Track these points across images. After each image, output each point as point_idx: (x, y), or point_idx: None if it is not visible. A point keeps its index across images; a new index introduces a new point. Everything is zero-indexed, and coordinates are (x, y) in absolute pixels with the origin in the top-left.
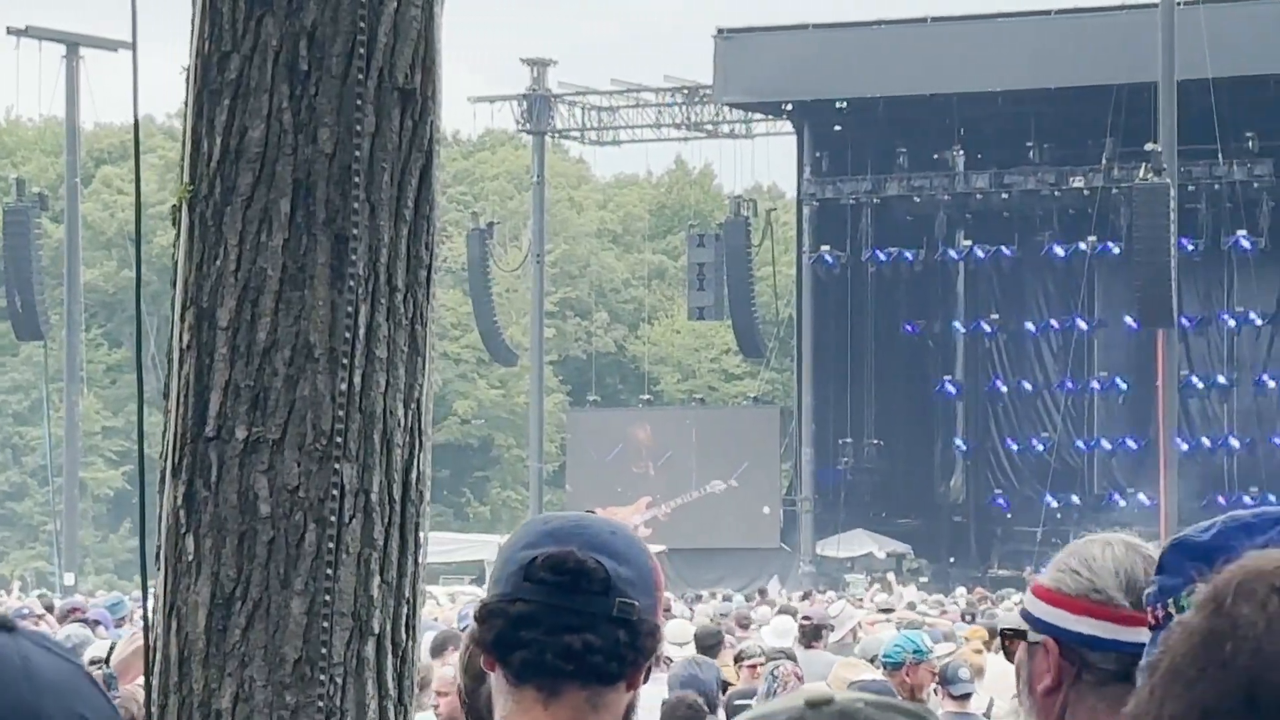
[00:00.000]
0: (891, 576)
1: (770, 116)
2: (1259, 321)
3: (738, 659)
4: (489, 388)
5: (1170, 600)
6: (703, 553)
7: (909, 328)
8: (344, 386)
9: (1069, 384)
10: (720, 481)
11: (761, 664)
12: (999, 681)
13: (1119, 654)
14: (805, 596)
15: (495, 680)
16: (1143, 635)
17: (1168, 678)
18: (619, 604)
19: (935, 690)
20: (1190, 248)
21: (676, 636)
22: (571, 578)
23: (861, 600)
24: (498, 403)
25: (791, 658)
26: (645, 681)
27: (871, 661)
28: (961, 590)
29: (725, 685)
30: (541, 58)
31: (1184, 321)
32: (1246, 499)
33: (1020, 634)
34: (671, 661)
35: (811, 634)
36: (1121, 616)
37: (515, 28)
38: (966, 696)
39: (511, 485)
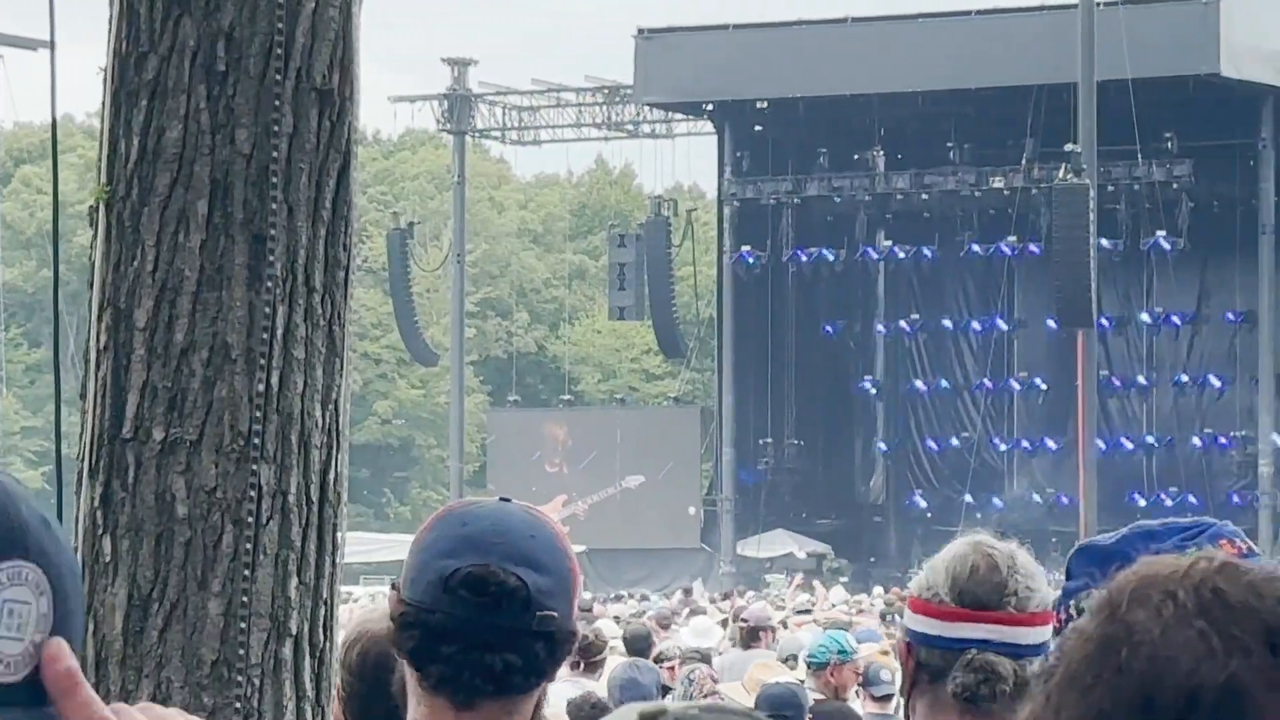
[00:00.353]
0: (811, 580)
1: (691, 116)
2: (1178, 322)
3: (656, 660)
4: (409, 388)
5: (1071, 603)
6: (624, 553)
7: (829, 327)
8: (261, 388)
9: (989, 384)
10: (638, 476)
11: (678, 665)
12: None
13: (942, 650)
14: (725, 597)
15: (408, 678)
16: (965, 631)
17: (1064, 684)
18: (539, 618)
19: (858, 691)
20: (1110, 248)
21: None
22: (493, 599)
23: (783, 601)
24: (418, 403)
25: (707, 659)
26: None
27: (786, 662)
28: (879, 590)
29: (666, 689)
30: (462, 57)
31: (1103, 322)
32: (1165, 499)
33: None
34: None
35: (750, 635)
36: (945, 613)
37: (436, 27)
38: (888, 698)
39: (432, 485)
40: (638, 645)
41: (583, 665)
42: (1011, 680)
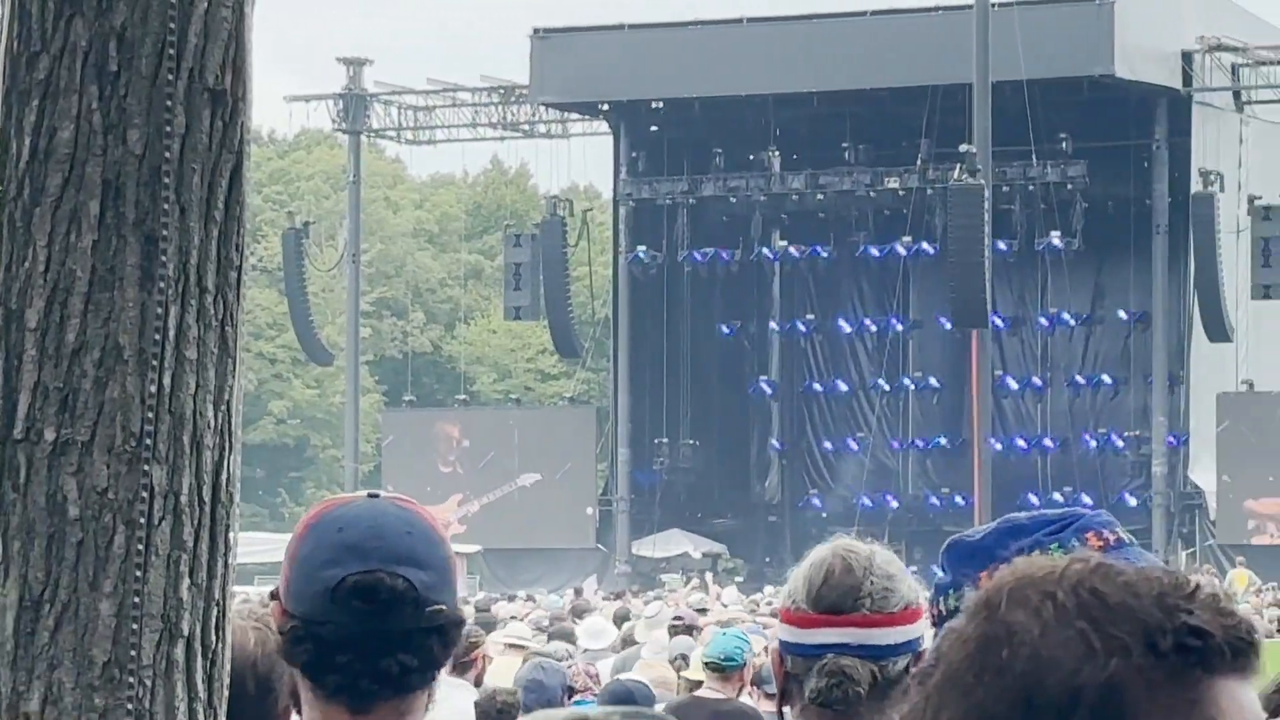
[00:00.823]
0: (709, 577)
1: (586, 116)
2: (1072, 322)
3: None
4: (304, 387)
5: (942, 599)
6: (519, 553)
7: (724, 328)
8: (153, 388)
9: (884, 384)
10: (533, 474)
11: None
12: None
13: (804, 657)
14: (617, 596)
15: (300, 685)
16: (823, 636)
17: (944, 684)
18: (428, 615)
19: (751, 692)
20: (1004, 248)
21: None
22: (383, 605)
23: (677, 600)
24: (313, 402)
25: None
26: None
27: (674, 662)
28: (770, 589)
29: (571, 690)
30: (357, 57)
31: (998, 322)
32: (1059, 498)
33: None
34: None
35: (683, 633)
36: (804, 620)
37: (331, 27)
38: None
39: (327, 485)
40: (565, 637)
41: (453, 664)
42: (868, 683)
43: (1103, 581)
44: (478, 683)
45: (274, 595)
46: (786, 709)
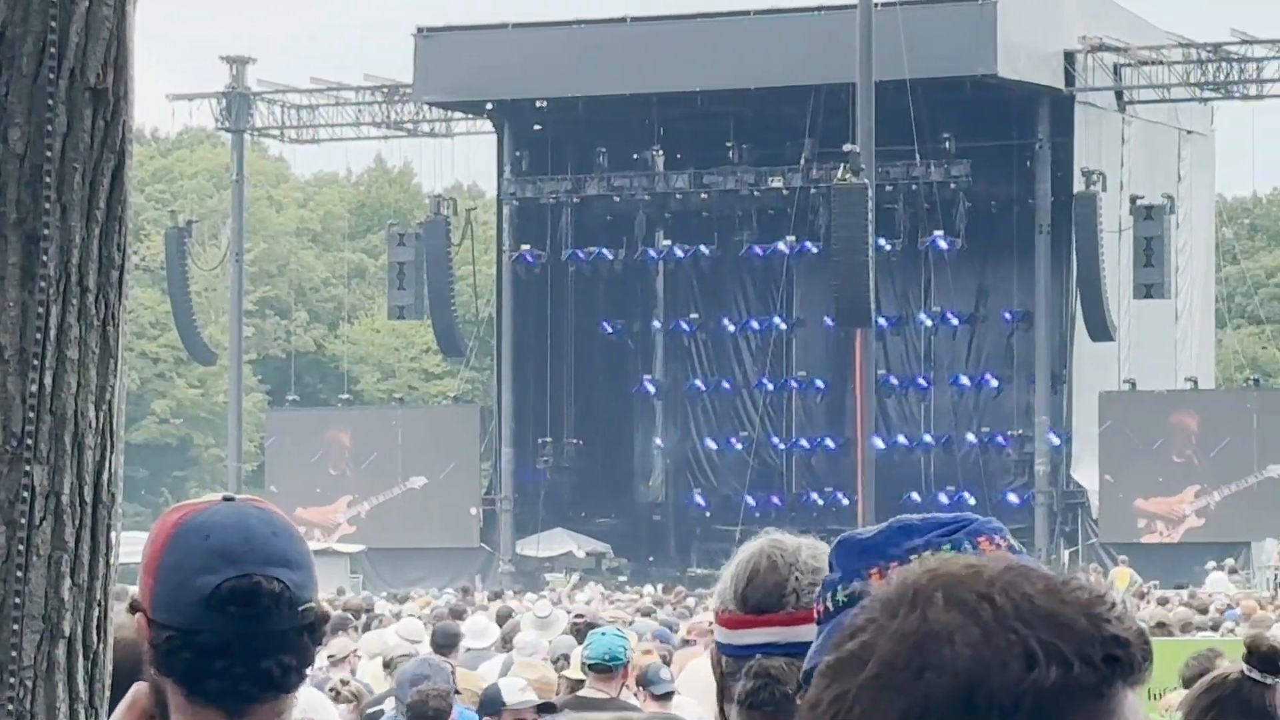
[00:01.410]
0: (586, 580)
1: (470, 115)
2: (955, 321)
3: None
4: (187, 387)
5: (829, 594)
6: (403, 552)
7: (608, 327)
8: (34, 388)
9: (768, 383)
10: (420, 477)
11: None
12: (685, 682)
13: (735, 658)
14: (497, 596)
15: (169, 693)
16: (750, 637)
17: (876, 682)
18: (301, 613)
19: (637, 693)
20: (888, 248)
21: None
22: (261, 609)
23: (559, 599)
24: (196, 402)
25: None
26: None
27: (556, 662)
28: (649, 589)
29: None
30: (240, 55)
31: (881, 321)
32: (943, 497)
33: None
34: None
35: (585, 630)
36: (733, 620)
37: (214, 25)
38: (668, 695)
39: (210, 485)
40: (445, 641)
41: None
42: (794, 682)
43: (1030, 586)
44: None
45: (133, 607)
46: (729, 708)
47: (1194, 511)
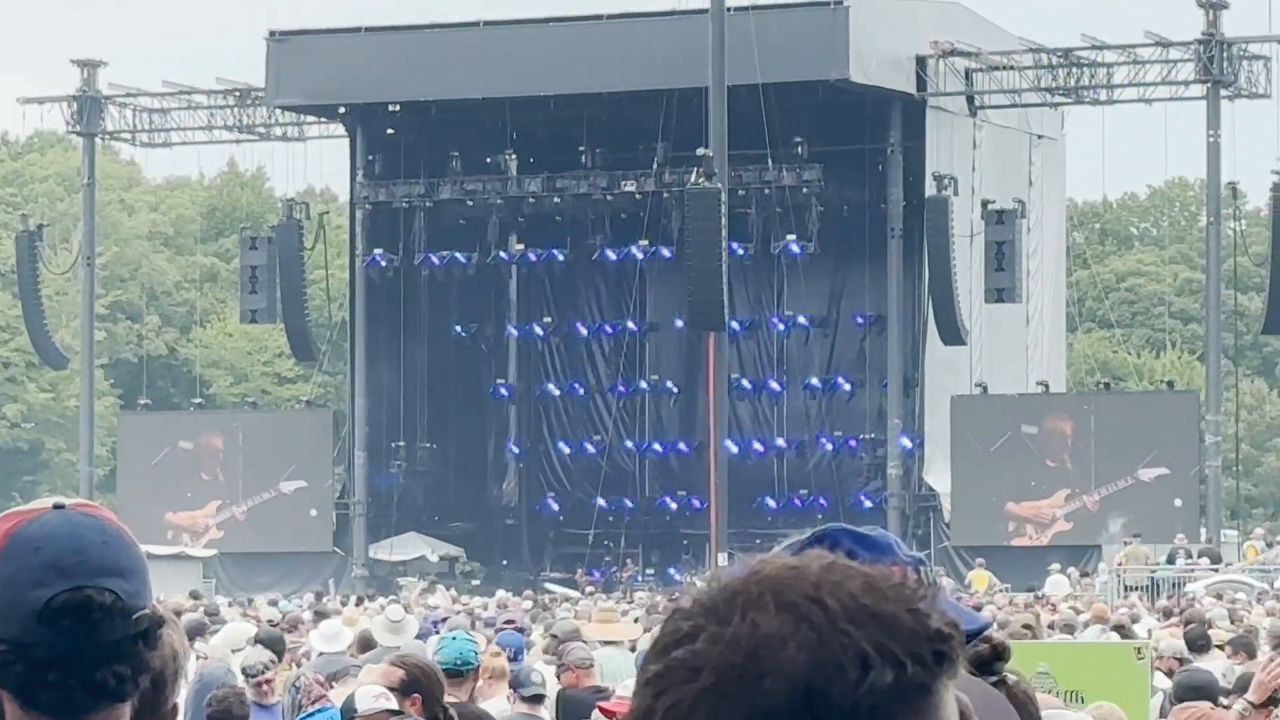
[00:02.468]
0: (436, 585)
1: (323, 119)
2: (808, 325)
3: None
4: (39, 391)
5: None
6: (255, 557)
7: (462, 331)
8: None
9: (621, 387)
10: (273, 481)
11: (277, 674)
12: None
13: None
14: (356, 602)
15: (8, 705)
16: None
17: (713, 691)
18: (135, 621)
19: (510, 696)
20: (741, 252)
21: (234, 640)
22: (94, 622)
23: (408, 605)
24: (48, 406)
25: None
26: None
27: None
28: (502, 593)
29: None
30: (91, 59)
31: (734, 325)
32: (796, 501)
33: None
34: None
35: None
36: None
37: (65, 28)
38: (538, 698)
39: (62, 489)
40: (276, 647)
41: None
42: None
43: (853, 584)
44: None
45: None
46: None
47: (1063, 515)
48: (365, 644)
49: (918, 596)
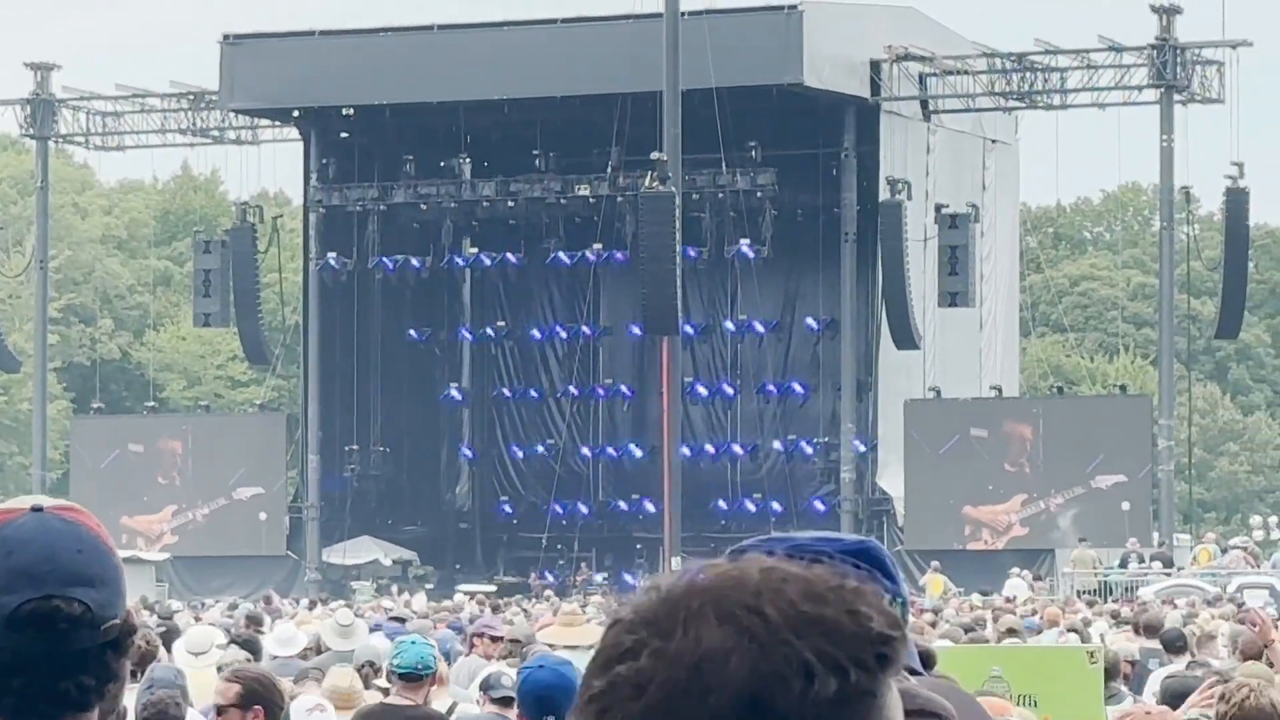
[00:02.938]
0: (389, 588)
1: (277, 123)
2: (762, 330)
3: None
4: None
5: None
6: (209, 560)
7: (415, 334)
8: None
9: (574, 391)
10: (226, 485)
11: None
12: None
13: None
14: (312, 605)
15: None
16: None
17: (660, 708)
18: (104, 631)
19: (480, 699)
20: (694, 256)
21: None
22: (59, 632)
23: (363, 609)
24: (0, 410)
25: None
26: None
27: (361, 669)
28: (461, 597)
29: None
30: (45, 62)
31: (688, 329)
32: (749, 505)
33: None
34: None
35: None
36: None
37: (18, 31)
38: (508, 700)
39: (14, 493)
40: (251, 647)
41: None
42: None
43: (793, 589)
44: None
45: None
46: None
47: (1019, 520)
48: (320, 648)
49: (857, 598)
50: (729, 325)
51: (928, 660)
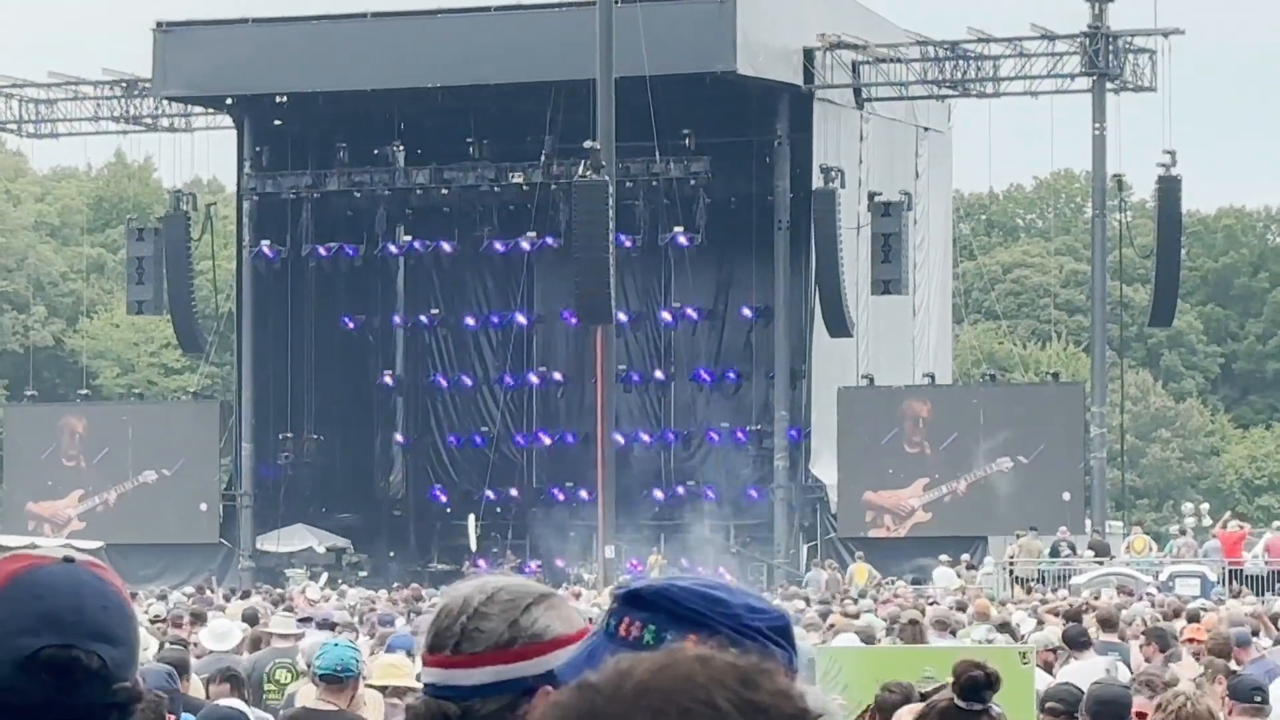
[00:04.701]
0: (319, 576)
1: (210, 110)
2: (695, 317)
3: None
4: None
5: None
6: (142, 548)
7: (349, 322)
8: None
9: (508, 379)
10: (153, 471)
11: None
12: None
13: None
14: (245, 595)
15: None
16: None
17: None
18: (114, 690)
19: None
20: (628, 244)
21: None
22: (75, 682)
23: (294, 599)
24: None
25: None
26: None
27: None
28: (392, 587)
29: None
30: None
31: (622, 317)
32: (682, 492)
33: None
34: None
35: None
36: (423, 658)
37: None
38: None
39: None
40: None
41: None
42: None
43: (730, 680)
44: None
45: None
46: None
47: (922, 506)
48: (256, 642)
49: (781, 680)
50: (663, 313)
51: (992, 682)
